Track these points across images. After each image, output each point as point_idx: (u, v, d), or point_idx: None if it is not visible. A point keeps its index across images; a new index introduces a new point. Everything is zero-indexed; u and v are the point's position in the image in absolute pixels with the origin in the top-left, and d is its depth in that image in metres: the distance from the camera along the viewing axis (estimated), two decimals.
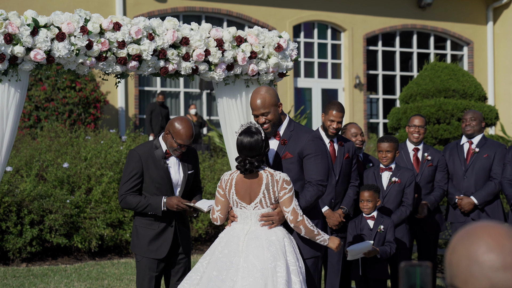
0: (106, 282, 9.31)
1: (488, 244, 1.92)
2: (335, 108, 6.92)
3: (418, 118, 7.81)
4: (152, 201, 5.93)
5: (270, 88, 5.65)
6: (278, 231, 5.21)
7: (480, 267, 1.91)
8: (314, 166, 5.43)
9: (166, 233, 6.03)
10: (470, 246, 1.94)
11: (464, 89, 11.83)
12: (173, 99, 19.96)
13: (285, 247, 5.14)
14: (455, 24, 22.38)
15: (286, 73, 6.76)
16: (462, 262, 1.94)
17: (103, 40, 5.82)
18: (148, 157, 6.02)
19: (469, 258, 1.93)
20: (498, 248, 1.91)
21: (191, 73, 6.34)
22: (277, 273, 4.94)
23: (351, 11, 21.22)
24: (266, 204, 5.18)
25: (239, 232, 5.22)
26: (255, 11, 20.17)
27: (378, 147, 7.24)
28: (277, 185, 5.15)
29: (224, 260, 5.08)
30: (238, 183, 5.25)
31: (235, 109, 6.58)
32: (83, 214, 10.85)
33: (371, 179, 7.23)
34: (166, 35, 6.12)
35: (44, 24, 5.61)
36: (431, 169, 7.68)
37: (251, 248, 5.07)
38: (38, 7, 17.37)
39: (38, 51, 5.53)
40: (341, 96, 21.41)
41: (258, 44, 6.50)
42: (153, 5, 19.12)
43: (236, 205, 5.28)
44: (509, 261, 1.89)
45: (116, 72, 6.01)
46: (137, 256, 6.09)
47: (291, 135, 5.55)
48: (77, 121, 16.70)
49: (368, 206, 6.80)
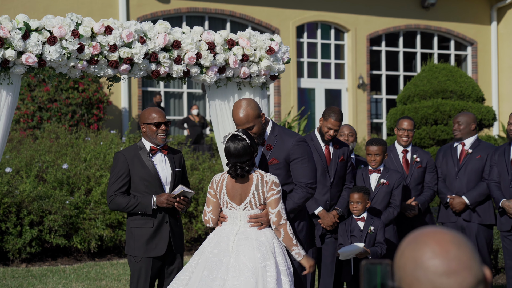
0: (104, 283, 9.37)
1: (434, 250, 1.96)
2: (334, 116, 6.95)
3: (407, 121, 7.83)
4: (142, 200, 5.97)
5: (251, 100, 5.64)
6: (268, 232, 5.28)
7: (425, 272, 1.95)
8: (302, 170, 5.50)
9: (162, 230, 6.06)
10: (416, 251, 1.99)
11: (462, 90, 11.85)
12: (176, 99, 20.02)
13: (274, 247, 5.20)
14: (459, 24, 22.36)
15: (278, 76, 6.81)
16: (408, 266, 1.99)
17: (95, 44, 5.88)
18: (133, 157, 6.08)
19: (415, 263, 1.98)
20: (443, 254, 1.95)
21: (182, 76, 6.39)
22: (267, 272, 5.01)
23: (354, 11, 21.22)
24: (255, 205, 5.25)
25: (229, 233, 5.28)
26: (258, 11, 20.20)
27: (367, 150, 7.29)
28: (266, 185, 5.22)
29: (215, 260, 5.14)
30: (229, 184, 5.32)
31: (227, 111, 6.63)
32: (82, 215, 10.91)
33: (360, 180, 7.30)
34: (158, 38, 6.17)
35: (35, 28, 5.67)
36: (420, 170, 7.72)
37: (241, 248, 5.13)
38: (41, 9, 17.46)
39: (30, 55, 5.58)
40: (345, 96, 21.43)
41: (250, 47, 6.55)
42: (156, 6, 19.18)
43: (226, 205, 5.34)
44: (453, 267, 1.93)
45: (108, 75, 6.07)
46: (135, 257, 6.09)
47: (275, 140, 5.62)
48: (80, 122, 16.77)
49: (358, 207, 6.85)
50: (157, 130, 6.07)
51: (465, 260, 1.95)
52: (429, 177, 7.76)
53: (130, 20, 10.69)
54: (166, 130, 6.11)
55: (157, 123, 6.07)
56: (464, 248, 1.97)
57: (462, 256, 1.95)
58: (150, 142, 6.15)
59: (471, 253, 1.97)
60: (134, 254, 6.08)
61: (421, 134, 11.75)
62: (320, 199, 7.01)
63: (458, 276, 1.93)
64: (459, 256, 1.95)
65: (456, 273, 1.93)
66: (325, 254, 7.12)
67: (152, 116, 6.10)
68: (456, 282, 1.92)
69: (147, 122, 6.11)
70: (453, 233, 2.02)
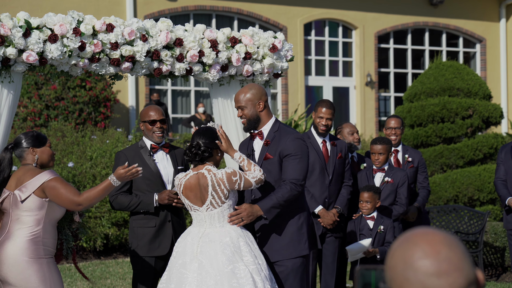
0: (109, 282, 9.36)
1: (424, 250, 1.94)
2: (324, 105, 6.94)
3: (394, 119, 7.73)
4: (144, 198, 5.96)
5: (257, 86, 5.70)
6: (232, 232, 5.21)
7: (415, 272, 1.93)
8: (291, 166, 5.43)
9: (165, 228, 6.04)
10: (407, 251, 1.96)
11: (469, 88, 11.76)
12: (183, 97, 20.01)
13: (240, 247, 5.14)
14: (468, 22, 22.26)
15: (281, 74, 6.77)
16: (398, 266, 1.97)
17: (96, 42, 5.86)
18: (134, 156, 6.07)
19: (405, 263, 1.95)
20: (434, 255, 1.92)
21: (185, 74, 6.36)
22: (236, 274, 4.95)
23: (362, 9, 21.16)
24: (217, 204, 5.21)
25: (194, 236, 5.23)
26: (266, 9, 20.16)
27: (371, 149, 7.23)
28: (223, 183, 5.17)
29: (182, 271, 5.10)
30: (187, 188, 5.27)
31: (230, 109, 6.60)
32: (88, 213, 10.89)
33: (364, 180, 7.23)
34: (160, 36, 6.14)
35: (36, 25, 5.65)
36: (412, 170, 7.66)
37: (205, 255, 5.07)
38: (48, 7, 17.45)
39: (31, 53, 5.57)
40: (352, 94, 21.37)
41: (253, 45, 6.51)
42: (163, 4, 19.16)
43: (190, 208, 5.32)
44: (443, 268, 1.90)
45: (110, 73, 6.05)
46: (138, 257, 6.08)
47: (274, 135, 5.58)
48: (87, 120, 16.77)
49: (367, 207, 6.80)
50: (153, 128, 6.08)
51: (456, 261, 1.92)
52: (421, 177, 7.72)
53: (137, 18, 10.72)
54: (163, 128, 6.09)
55: (152, 121, 6.07)
56: (456, 249, 1.94)
57: (453, 257, 1.92)
58: (150, 141, 6.13)
59: (463, 254, 1.94)
60: (138, 253, 6.06)
61: (428, 132, 11.66)
62: (319, 197, 6.93)
63: (449, 277, 1.90)
64: (450, 257, 1.92)
65: (446, 274, 1.90)
66: (326, 253, 7.05)
67: (149, 114, 6.12)
68: (447, 283, 1.90)
69: (144, 120, 6.13)
70: (444, 234, 1.99)
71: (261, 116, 5.61)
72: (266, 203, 5.33)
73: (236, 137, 6.59)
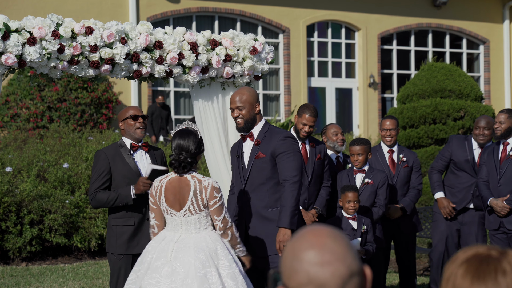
0: (100, 282, 9.43)
1: (310, 242, 2.05)
2: (308, 112, 6.97)
3: (389, 120, 7.80)
4: (121, 191, 6.00)
5: (252, 89, 5.94)
6: (208, 238, 5.20)
7: (301, 262, 2.03)
8: (285, 164, 5.69)
9: (144, 227, 6.08)
10: (295, 244, 2.08)
11: (460, 89, 11.80)
12: (186, 99, 20.08)
13: (216, 251, 5.15)
14: (471, 23, 22.24)
15: (262, 76, 6.84)
16: (287, 258, 2.07)
17: (75, 44, 5.93)
18: (114, 155, 6.13)
19: (293, 254, 2.06)
20: (318, 246, 2.03)
21: (165, 76, 6.43)
22: (209, 280, 4.97)
23: (365, 10, 21.18)
24: (195, 211, 5.17)
25: (169, 241, 5.20)
26: (268, 11, 20.21)
27: (350, 150, 7.27)
28: (205, 192, 5.14)
29: (154, 275, 5.07)
30: (168, 190, 5.22)
31: (211, 111, 6.67)
32: (82, 214, 10.99)
33: (345, 180, 7.26)
34: (139, 39, 6.21)
35: (15, 28, 5.73)
36: (406, 170, 7.69)
37: (179, 258, 5.06)
38: (51, 9, 17.56)
39: (9, 55, 5.65)
40: (355, 95, 21.39)
41: (233, 47, 6.58)
42: (166, 6, 19.24)
43: (167, 212, 5.26)
44: (326, 258, 2.01)
45: (89, 75, 6.12)
46: (116, 255, 6.13)
47: (264, 136, 5.84)
48: (89, 121, 16.86)
49: (355, 206, 6.82)
50: (135, 123, 6.13)
51: (339, 252, 2.02)
52: (414, 177, 7.73)
53: (141, 20, 10.80)
54: (144, 123, 6.15)
55: (134, 115, 6.13)
56: (340, 241, 2.05)
57: (337, 248, 2.03)
58: (130, 139, 6.19)
59: (347, 247, 2.05)
60: (116, 252, 6.10)
61: (420, 133, 11.70)
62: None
63: (331, 266, 2.00)
64: (334, 248, 2.03)
65: (329, 263, 2.00)
66: None
67: (129, 111, 6.19)
68: (329, 272, 1.99)
69: (124, 118, 6.17)
70: (332, 228, 2.10)
71: (256, 118, 5.90)
72: (285, 219, 5.61)
73: (218, 138, 6.67)
